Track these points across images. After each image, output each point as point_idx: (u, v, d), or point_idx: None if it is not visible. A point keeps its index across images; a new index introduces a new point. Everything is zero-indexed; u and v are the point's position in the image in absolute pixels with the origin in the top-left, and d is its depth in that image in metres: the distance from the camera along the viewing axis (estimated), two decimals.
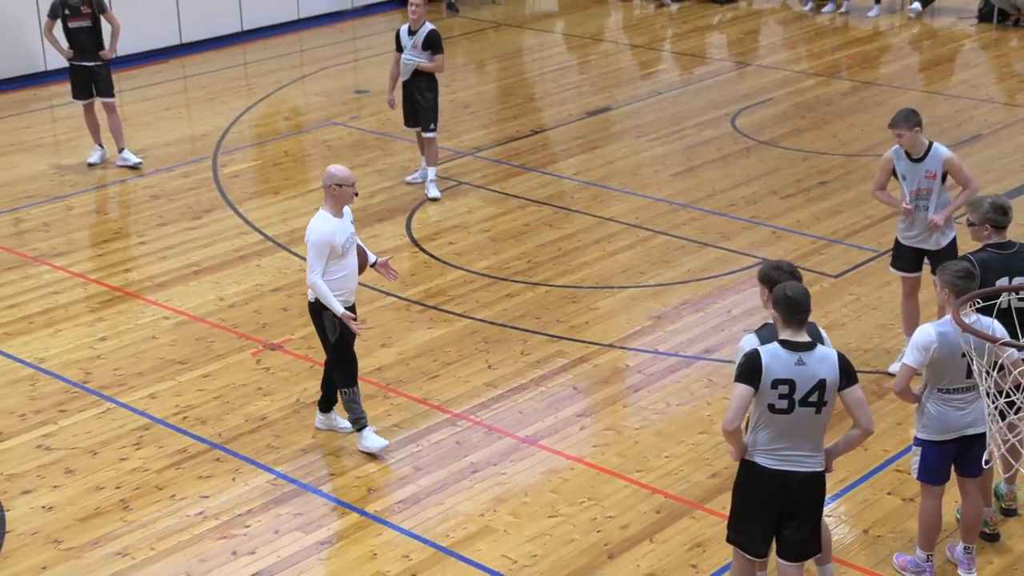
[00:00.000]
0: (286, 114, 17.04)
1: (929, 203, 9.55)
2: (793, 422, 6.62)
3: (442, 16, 21.31)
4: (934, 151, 9.55)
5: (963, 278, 7.24)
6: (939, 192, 9.56)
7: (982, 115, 15.95)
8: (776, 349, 6.60)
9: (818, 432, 6.71)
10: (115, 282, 11.92)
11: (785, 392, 6.57)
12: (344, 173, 8.81)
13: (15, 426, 9.57)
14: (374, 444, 9.06)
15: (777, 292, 6.66)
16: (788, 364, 6.57)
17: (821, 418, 6.66)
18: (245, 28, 20.30)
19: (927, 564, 7.65)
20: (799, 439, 6.67)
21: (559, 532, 8.24)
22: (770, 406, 6.61)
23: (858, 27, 20.34)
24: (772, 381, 6.56)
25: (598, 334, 10.74)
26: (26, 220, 13.43)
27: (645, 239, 12.58)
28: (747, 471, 6.80)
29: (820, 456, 6.75)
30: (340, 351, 8.91)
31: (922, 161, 9.54)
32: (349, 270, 8.83)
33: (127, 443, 9.33)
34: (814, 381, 6.58)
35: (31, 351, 10.65)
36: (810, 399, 6.59)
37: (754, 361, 6.59)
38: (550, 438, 9.29)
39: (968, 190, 9.58)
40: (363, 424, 9.08)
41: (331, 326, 8.79)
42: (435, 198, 13.60)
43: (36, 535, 8.32)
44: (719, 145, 15.14)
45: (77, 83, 14.46)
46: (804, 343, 6.61)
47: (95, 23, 14.23)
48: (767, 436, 6.68)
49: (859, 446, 7.13)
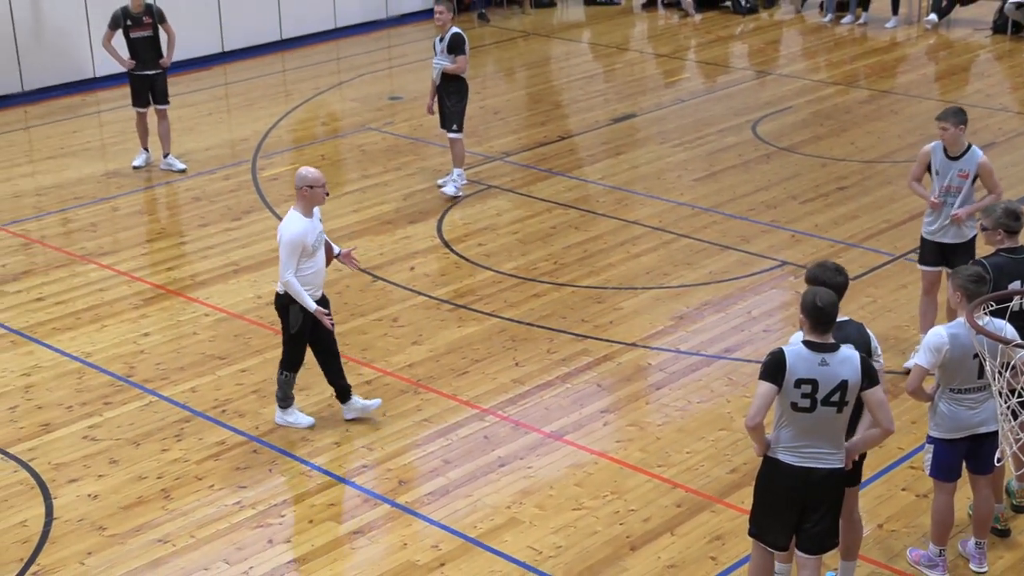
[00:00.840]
0: (323, 119, 17.08)
1: (956, 200, 9.65)
2: (815, 421, 6.61)
3: (474, 26, 21.32)
4: (971, 152, 9.68)
5: (975, 282, 7.23)
6: (968, 192, 9.66)
7: (996, 124, 15.85)
8: (800, 349, 6.59)
9: (839, 430, 6.69)
10: (158, 280, 11.98)
11: (808, 391, 6.55)
12: (315, 175, 9.00)
13: (62, 417, 9.64)
14: (301, 420, 9.39)
15: (806, 298, 6.61)
16: (812, 364, 6.55)
17: (842, 417, 6.64)
18: (284, 37, 20.36)
19: (940, 558, 7.62)
20: (820, 437, 6.65)
21: (583, 524, 8.24)
22: (793, 404, 6.59)
23: (876, 38, 20.24)
24: (796, 380, 6.54)
25: (622, 333, 10.74)
26: (74, 220, 13.51)
27: (668, 242, 12.56)
28: (770, 467, 6.78)
29: (841, 453, 6.73)
30: (296, 341, 9.19)
31: (958, 160, 9.65)
32: (318, 266, 9.10)
33: (168, 435, 9.38)
34: (836, 381, 6.55)
35: (78, 346, 10.72)
36: (832, 399, 6.57)
37: (779, 360, 6.57)
38: (575, 433, 9.29)
39: (993, 195, 9.67)
40: (290, 403, 9.41)
41: (295, 319, 9.06)
42: (453, 196, 13.59)
43: (82, 522, 8.38)
44: (740, 151, 15.10)
45: (138, 91, 14.43)
46: (828, 344, 6.59)
47: (155, 33, 14.28)
48: (790, 434, 6.66)
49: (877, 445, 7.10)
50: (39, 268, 12.29)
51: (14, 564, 7.96)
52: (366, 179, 14.47)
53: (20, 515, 8.45)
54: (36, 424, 9.55)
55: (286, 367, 9.29)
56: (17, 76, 17.63)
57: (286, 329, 9.17)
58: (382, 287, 11.72)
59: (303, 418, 9.44)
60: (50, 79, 17.84)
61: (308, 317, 9.01)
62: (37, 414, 9.69)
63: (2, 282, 11.96)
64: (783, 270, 11.88)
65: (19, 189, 14.42)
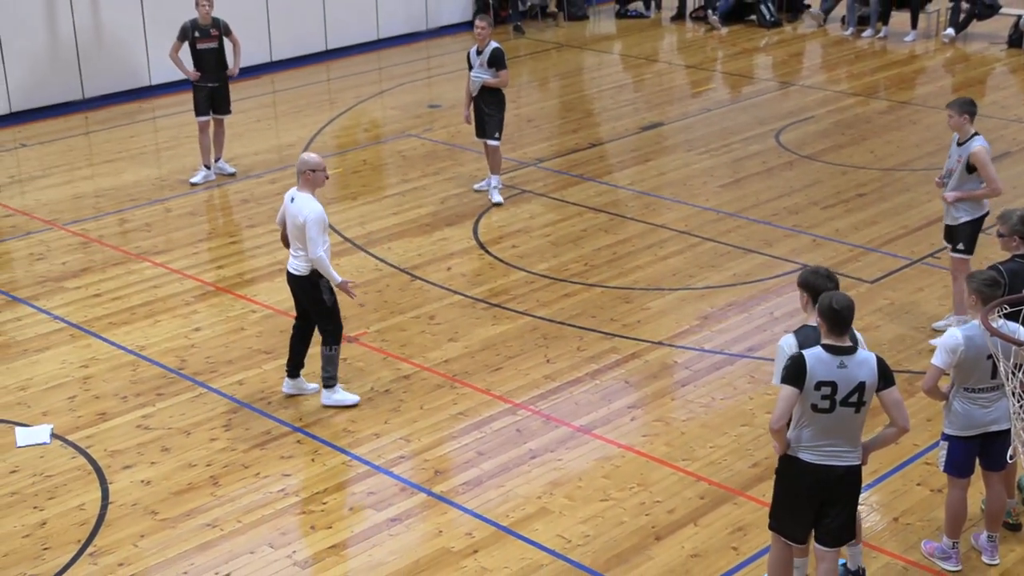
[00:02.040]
0: (365, 126, 17.12)
1: (950, 183, 10.15)
2: (834, 421, 6.57)
3: (509, 37, 21.31)
4: (971, 142, 10.07)
5: (990, 286, 7.17)
6: (961, 178, 10.05)
7: (1011, 134, 15.71)
8: (820, 353, 6.55)
9: (856, 429, 6.65)
10: (208, 278, 12.04)
11: (827, 393, 6.52)
12: (316, 159, 9.24)
13: (118, 407, 9.70)
14: (345, 398, 9.49)
15: (823, 303, 6.57)
16: (831, 367, 6.52)
17: (860, 417, 6.61)
18: (329, 47, 20.41)
19: (953, 551, 7.57)
20: (839, 436, 6.61)
21: (610, 515, 8.22)
22: (813, 406, 6.56)
23: (895, 51, 20.10)
24: (816, 383, 6.51)
25: (649, 332, 10.71)
26: (130, 221, 13.60)
27: (694, 245, 12.51)
28: (791, 465, 6.75)
29: (858, 451, 6.70)
30: (335, 314, 9.35)
31: (961, 146, 10.10)
32: (329, 243, 9.26)
33: (217, 425, 9.43)
34: (854, 383, 6.52)
35: (133, 339, 10.79)
36: (850, 400, 6.53)
37: (799, 364, 6.54)
38: (603, 428, 9.28)
39: (989, 188, 10.06)
40: (334, 382, 9.48)
41: (327, 293, 9.23)
42: (499, 203, 13.62)
43: (135, 506, 8.43)
44: (764, 159, 15.03)
45: (202, 102, 14.26)
46: (846, 347, 6.56)
47: (220, 44, 14.18)
48: (810, 433, 6.63)
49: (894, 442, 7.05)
50: (97, 266, 12.37)
51: (72, 545, 8.02)
52: (405, 183, 14.50)
53: (78, 499, 8.52)
54: (93, 413, 9.62)
55: (334, 340, 9.36)
56: (79, 84, 17.76)
57: (321, 304, 9.26)
58: (420, 286, 11.73)
59: (349, 396, 9.52)
60: (109, 87, 17.97)
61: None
62: (94, 404, 9.76)
63: (62, 278, 12.06)
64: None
65: (79, 191, 14.53)
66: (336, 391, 9.52)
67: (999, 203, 10.73)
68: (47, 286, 11.88)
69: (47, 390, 9.97)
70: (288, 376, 9.70)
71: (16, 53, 17.07)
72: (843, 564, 7.48)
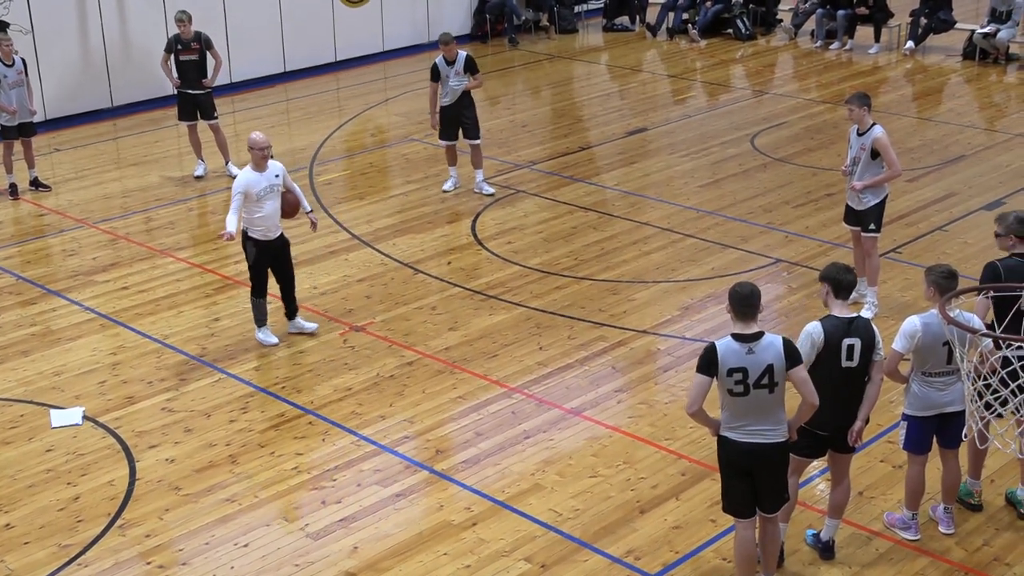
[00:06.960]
0: (372, 131, 17.10)
1: (856, 171, 10.20)
2: (751, 402, 6.56)
3: (505, 49, 21.28)
4: (871, 130, 10.11)
5: (946, 278, 7.15)
6: (866, 164, 10.12)
7: (966, 139, 15.71)
8: (729, 342, 6.53)
9: (775, 408, 6.61)
10: (227, 272, 12.03)
11: (740, 379, 6.51)
12: (257, 138, 9.89)
13: (144, 391, 9.71)
14: (267, 339, 10.27)
15: (731, 292, 6.59)
16: (740, 354, 6.50)
17: (775, 396, 6.58)
18: (339, 58, 20.39)
19: (912, 521, 7.59)
20: (759, 416, 6.60)
21: (598, 490, 8.23)
22: (729, 391, 6.56)
23: (860, 62, 20.09)
24: (727, 370, 6.51)
25: (634, 322, 10.71)
26: (155, 219, 13.58)
27: (676, 241, 12.51)
28: (721, 446, 6.77)
29: (781, 428, 6.66)
30: (254, 270, 10.13)
31: (862, 136, 10.13)
32: (266, 212, 9.94)
33: (235, 408, 9.43)
34: (763, 366, 6.50)
35: (157, 329, 10.79)
36: (762, 382, 6.52)
37: (710, 354, 6.54)
38: (592, 410, 9.29)
39: (891, 171, 10.20)
40: (263, 323, 10.32)
41: (249, 253, 10.08)
42: (490, 193, 13.66)
43: (160, 483, 8.44)
44: (740, 161, 15.03)
45: (182, 107, 14.60)
46: (752, 334, 6.53)
47: (201, 57, 14.37)
48: (730, 415, 6.65)
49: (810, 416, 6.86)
50: (124, 261, 12.36)
51: (103, 518, 8.03)
52: (409, 184, 14.48)
53: (108, 475, 8.52)
54: (122, 397, 9.62)
55: (254, 293, 10.22)
56: (107, 93, 17.75)
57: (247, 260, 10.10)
58: (422, 279, 11.73)
59: (271, 337, 10.29)
60: (136, 95, 17.93)
61: (262, 249, 9.97)
62: (122, 388, 9.76)
63: (93, 272, 12.05)
64: (777, 267, 11.83)
65: (108, 192, 14.51)
66: (262, 331, 10.33)
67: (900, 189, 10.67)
68: (79, 279, 11.87)
69: (79, 375, 9.97)
70: (287, 318, 10.47)
71: (50, 65, 17.04)
72: (814, 534, 7.49)
